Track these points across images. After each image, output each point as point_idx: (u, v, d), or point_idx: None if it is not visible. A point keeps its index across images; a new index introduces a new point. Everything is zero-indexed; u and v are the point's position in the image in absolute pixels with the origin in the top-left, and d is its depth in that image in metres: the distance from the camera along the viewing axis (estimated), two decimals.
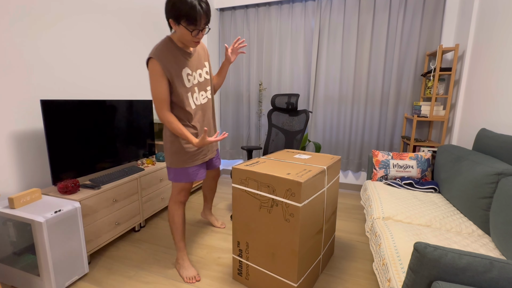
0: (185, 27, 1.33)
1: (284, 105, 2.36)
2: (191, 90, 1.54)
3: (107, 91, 2.25)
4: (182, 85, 1.48)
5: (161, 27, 2.83)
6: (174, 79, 1.44)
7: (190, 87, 1.53)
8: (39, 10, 1.71)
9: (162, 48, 1.41)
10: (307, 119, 2.27)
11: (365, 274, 1.64)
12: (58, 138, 1.65)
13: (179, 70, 1.46)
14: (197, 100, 1.58)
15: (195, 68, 1.55)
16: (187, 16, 1.29)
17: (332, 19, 2.81)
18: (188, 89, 1.52)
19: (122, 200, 1.93)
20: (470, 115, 2.15)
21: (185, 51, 1.49)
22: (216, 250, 1.88)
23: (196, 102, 1.57)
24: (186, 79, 1.50)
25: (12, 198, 1.42)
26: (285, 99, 2.36)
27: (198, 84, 1.58)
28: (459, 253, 0.76)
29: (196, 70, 1.57)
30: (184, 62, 1.49)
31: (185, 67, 1.49)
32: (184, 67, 1.49)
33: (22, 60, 1.64)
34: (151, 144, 2.42)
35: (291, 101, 2.32)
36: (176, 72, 1.45)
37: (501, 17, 1.83)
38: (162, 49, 1.41)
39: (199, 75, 1.58)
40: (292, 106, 2.33)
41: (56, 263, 1.40)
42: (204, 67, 1.62)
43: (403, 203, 1.70)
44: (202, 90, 1.61)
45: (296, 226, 1.25)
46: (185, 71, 1.49)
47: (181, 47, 1.47)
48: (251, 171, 1.35)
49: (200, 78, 1.59)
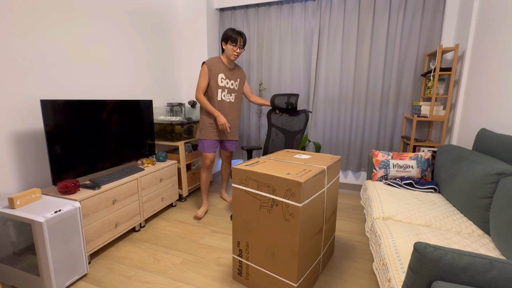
0: (230, 44, 2.22)
1: (283, 105, 2.36)
2: (222, 88, 2.30)
3: (107, 91, 2.25)
4: (215, 82, 2.27)
5: (160, 28, 2.83)
6: (211, 77, 2.26)
7: (221, 86, 2.29)
8: (40, 11, 1.71)
9: (212, 59, 2.28)
10: (306, 119, 2.26)
11: (365, 274, 1.64)
12: (58, 138, 1.65)
13: (216, 73, 2.26)
14: (225, 97, 2.33)
15: (229, 78, 2.32)
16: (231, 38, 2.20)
17: (332, 19, 2.81)
18: (219, 86, 2.29)
19: (122, 200, 1.93)
20: (470, 115, 2.15)
21: (226, 65, 2.30)
22: (216, 250, 1.88)
23: (224, 98, 2.32)
24: (220, 80, 2.27)
25: (12, 198, 1.42)
26: (284, 99, 2.36)
27: (228, 88, 2.33)
28: (459, 253, 0.76)
29: (230, 80, 2.33)
30: (222, 70, 2.28)
31: (221, 73, 2.28)
32: (220, 72, 2.27)
33: (22, 60, 1.64)
34: (151, 144, 2.42)
35: (291, 101, 2.32)
36: (215, 74, 2.25)
37: (501, 17, 1.83)
38: (212, 59, 2.28)
39: (231, 84, 2.34)
40: (291, 106, 2.32)
41: (56, 263, 1.40)
42: (236, 81, 2.39)
43: (403, 203, 1.70)
44: (229, 93, 2.35)
45: (296, 226, 1.25)
46: (220, 75, 2.27)
47: (224, 61, 2.30)
48: (251, 171, 1.35)
49: (231, 86, 2.35)
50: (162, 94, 2.94)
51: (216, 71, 2.25)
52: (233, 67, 2.36)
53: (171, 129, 2.60)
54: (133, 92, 2.53)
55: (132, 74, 2.49)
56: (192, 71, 3.22)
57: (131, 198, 2.01)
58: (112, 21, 2.25)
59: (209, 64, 2.24)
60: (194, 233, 2.10)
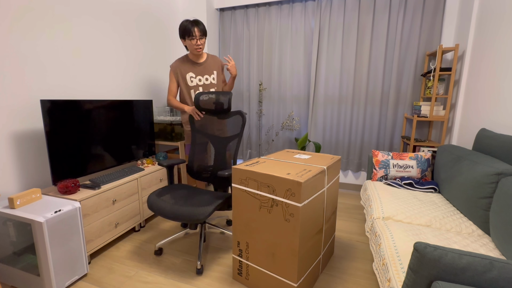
0: (187, 39, 2.01)
1: (211, 106, 1.92)
2: (194, 88, 2.13)
3: (107, 91, 2.25)
4: (185, 84, 2.12)
5: (160, 28, 2.83)
6: (180, 80, 2.12)
7: (192, 86, 2.12)
8: (39, 12, 1.71)
9: (177, 60, 2.13)
10: (243, 122, 1.88)
11: (365, 274, 1.64)
12: (58, 138, 1.65)
13: (184, 74, 2.09)
14: None
15: (200, 73, 2.11)
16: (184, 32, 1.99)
17: (332, 19, 2.81)
18: (190, 87, 2.12)
19: (122, 200, 1.93)
20: (470, 115, 2.15)
21: (194, 61, 2.11)
22: (216, 250, 1.88)
23: None
24: (189, 80, 2.11)
25: (12, 198, 1.42)
26: (212, 98, 1.91)
27: (203, 85, 2.13)
28: (459, 253, 0.76)
29: (203, 75, 2.12)
30: (189, 68, 2.09)
31: (188, 72, 2.09)
32: (188, 72, 2.09)
33: (22, 60, 1.64)
34: (151, 144, 2.42)
35: (221, 101, 1.90)
36: (182, 75, 2.10)
37: (501, 17, 1.83)
38: (177, 60, 2.13)
39: (205, 79, 2.13)
40: (222, 107, 1.90)
41: (56, 263, 1.40)
42: (212, 75, 2.15)
43: (403, 203, 1.70)
44: (206, 90, 2.12)
45: (296, 226, 1.25)
46: (188, 74, 2.09)
47: (191, 58, 2.11)
48: (251, 171, 1.35)
49: (206, 81, 2.14)
50: (162, 94, 2.94)
51: (183, 72, 2.09)
52: (204, 61, 2.14)
53: (171, 129, 2.60)
54: (133, 92, 2.53)
55: (132, 74, 2.49)
56: None
57: (131, 198, 2.01)
58: (112, 21, 2.25)
59: (173, 67, 2.10)
60: (194, 233, 2.10)
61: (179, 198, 1.70)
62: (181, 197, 1.71)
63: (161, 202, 1.63)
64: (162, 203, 1.62)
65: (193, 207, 1.55)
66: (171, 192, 1.79)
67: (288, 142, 3.20)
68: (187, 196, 1.75)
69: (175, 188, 1.86)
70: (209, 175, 2.04)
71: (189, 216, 1.51)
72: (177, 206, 1.57)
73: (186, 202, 1.64)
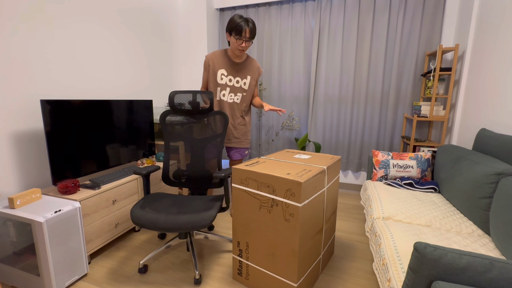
0: (234, 36, 1.88)
1: (188, 106, 1.79)
2: (221, 86, 2.02)
3: (107, 91, 2.25)
4: (214, 79, 2.01)
5: (160, 28, 2.83)
6: (211, 73, 2.01)
7: (221, 84, 2.02)
8: (40, 11, 1.71)
9: (215, 52, 2.02)
10: (226, 122, 1.80)
11: (365, 274, 1.64)
12: (58, 138, 1.65)
13: (217, 69, 1.98)
14: (225, 96, 2.05)
15: (233, 74, 2.01)
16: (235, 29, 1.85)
17: (332, 19, 2.81)
18: (218, 84, 2.01)
19: (122, 200, 1.92)
20: (470, 115, 2.15)
21: (231, 59, 2.00)
22: (216, 250, 1.88)
23: (223, 98, 2.05)
24: (219, 77, 2.00)
25: (12, 198, 1.42)
26: (188, 97, 1.77)
27: (232, 86, 2.03)
28: (459, 253, 0.76)
29: (235, 77, 2.01)
30: (224, 65, 1.98)
31: (222, 69, 1.98)
32: (221, 68, 1.98)
33: (22, 60, 1.64)
34: (151, 144, 2.42)
35: (197, 100, 1.78)
36: (214, 70, 1.98)
37: (501, 16, 1.83)
38: (215, 52, 2.02)
39: (236, 81, 2.03)
40: (198, 106, 1.79)
41: (56, 263, 1.40)
42: (245, 79, 2.05)
43: (403, 203, 1.70)
44: (233, 92, 2.04)
45: (296, 226, 1.25)
46: (220, 71, 1.98)
47: (230, 54, 2.00)
48: (251, 171, 1.35)
49: (236, 84, 2.04)
50: (162, 94, 2.94)
51: (216, 67, 1.97)
52: (242, 62, 2.03)
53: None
54: (133, 92, 2.53)
55: (132, 74, 2.49)
56: (192, 72, 3.22)
57: (131, 198, 2.01)
58: (112, 21, 2.25)
59: (208, 58, 1.99)
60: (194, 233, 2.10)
61: (168, 207, 1.57)
62: (170, 206, 1.58)
63: (151, 214, 1.45)
64: (152, 215, 1.44)
65: (194, 214, 1.45)
66: (155, 202, 1.63)
67: (288, 142, 3.20)
68: (174, 204, 1.62)
69: (156, 198, 1.70)
70: (185, 180, 1.91)
71: (192, 224, 1.41)
72: (173, 216, 1.43)
73: (180, 210, 1.52)
